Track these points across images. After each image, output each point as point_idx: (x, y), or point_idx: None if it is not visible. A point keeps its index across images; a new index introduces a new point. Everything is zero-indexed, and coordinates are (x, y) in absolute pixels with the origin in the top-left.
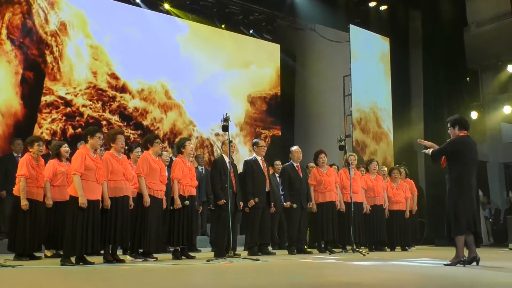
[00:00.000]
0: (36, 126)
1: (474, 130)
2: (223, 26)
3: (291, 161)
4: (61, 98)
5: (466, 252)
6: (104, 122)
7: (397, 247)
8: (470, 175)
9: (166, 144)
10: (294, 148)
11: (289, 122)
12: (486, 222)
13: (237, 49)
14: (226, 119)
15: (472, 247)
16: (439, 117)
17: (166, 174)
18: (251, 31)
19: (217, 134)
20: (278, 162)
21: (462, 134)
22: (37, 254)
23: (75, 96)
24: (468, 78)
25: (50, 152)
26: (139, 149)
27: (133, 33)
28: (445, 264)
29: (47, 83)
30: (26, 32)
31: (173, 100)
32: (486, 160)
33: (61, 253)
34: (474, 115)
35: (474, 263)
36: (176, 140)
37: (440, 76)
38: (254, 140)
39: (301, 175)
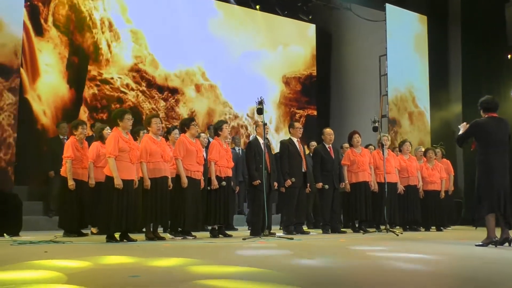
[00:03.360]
0: (82, 108)
1: None
2: (257, 7)
3: (323, 142)
4: (104, 82)
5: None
6: (145, 105)
7: (432, 227)
8: (496, 156)
9: (202, 124)
10: (326, 129)
11: (324, 102)
12: None
13: (272, 30)
14: (260, 102)
15: (503, 228)
16: (477, 96)
17: (204, 155)
18: (285, 13)
19: (251, 117)
20: (313, 143)
21: (487, 116)
22: (84, 231)
23: (117, 80)
24: (509, 56)
25: (94, 135)
26: (177, 131)
27: (170, 18)
28: (476, 245)
29: (91, 67)
30: (71, 19)
31: (209, 81)
32: None
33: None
34: None
35: (507, 243)
36: (214, 122)
37: (479, 54)
38: (290, 122)
39: (333, 156)
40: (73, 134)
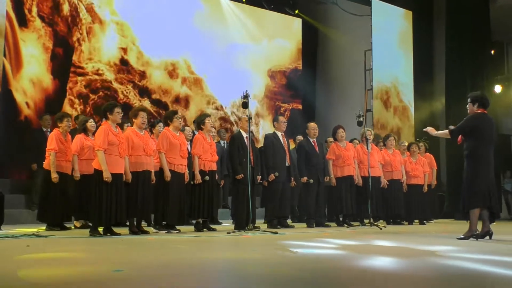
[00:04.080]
0: (66, 100)
1: (498, 103)
2: (243, 0)
3: (308, 136)
4: (88, 73)
5: (480, 227)
6: (129, 97)
7: (415, 221)
8: (486, 151)
9: (187, 118)
10: (311, 124)
11: (310, 96)
12: (508, 197)
13: (258, 24)
14: (246, 96)
15: (486, 222)
16: (461, 91)
17: (188, 148)
18: (271, 6)
19: (236, 109)
20: (300, 137)
21: (479, 111)
22: (67, 225)
23: (102, 71)
24: (493, 51)
25: (77, 127)
26: (161, 124)
27: (156, 10)
28: (458, 238)
29: (75, 59)
30: (55, 9)
31: (195, 74)
32: (510, 133)
33: (90, 224)
34: (498, 88)
35: (487, 237)
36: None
37: (463, 49)
38: (275, 116)
39: (318, 150)
40: (57, 127)
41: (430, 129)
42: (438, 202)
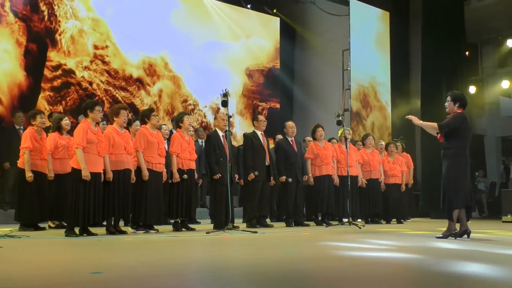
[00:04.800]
0: (40, 97)
1: (472, 104)
2: None
3: (286, 135)
4: (63, 70)
5: (457, 226)
6: (105, 95)
7: (392, 220)
8: (466, 151)
9: (164, 115)
10: (289, 123)
11: (288, 95)
12: (482, 195)
13: (236, 23)
14: (225, 95)
15: (464, 221)
16: (437, 91)
17: (165, 147)
18: (248, 6)
19: (214, 108)
20: (280, 136)
21: (460, 111)
22: (41, 225)
23: (77, 68)
24: (467, 52)
25: (51, 125)
26: (137, 122)
27: (133, 7)
28: (437, 237)
29: (50, 55)
30: (29, 4)
31: (173, 72)
32: (484, 134)
33: (65, 224)
34: (472, 89)
35: (465, 236)
36: (176, 114)
37: (439, 50)
38: (254, 115)
39: (296, 149)
40: (31, 124)
41: (414, 118)
42: (414, 201)
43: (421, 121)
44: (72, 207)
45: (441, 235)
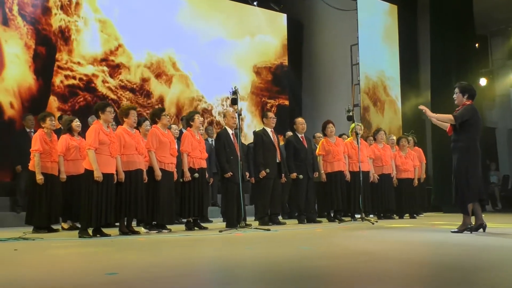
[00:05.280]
0: (50, 100)
1: (483, 96)
2: None
3: (296, 132)
4: (72, 72)
5: (472, 219)
6: (114, 95)
7: (405, 215)
8: (477, 143)
9: (173, 115)
10: (298, 119)
11: (296, 92)
12: (495, 188)
13: (243, 20)
14: (235, 92)
15: (479, 214)
16: (446, 84)
17: (176, 146)
18: (255, 3)
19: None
20: (289, 133)
21: (469, 103)
22: (54, 227)
23: (86, 70)
24: (477, 44)
25: (61, 127)
26: (147, 122)
27: (140, 7)
28: (452, 231)
29: (59, 57)
30: (37, 8)
31: (180, 71)
32: (495, 126)
33: (78, 225)
34: (483, 81)
35: (481, 229)
36: (185, 113)
37: (448, 42)
38: (264, 113)
39: (306, 146)
40: (41, 127)
41: (427, 110)
42: (426, 195)
43: (433, 114)
44: (85, 208)
45: (456, 230)
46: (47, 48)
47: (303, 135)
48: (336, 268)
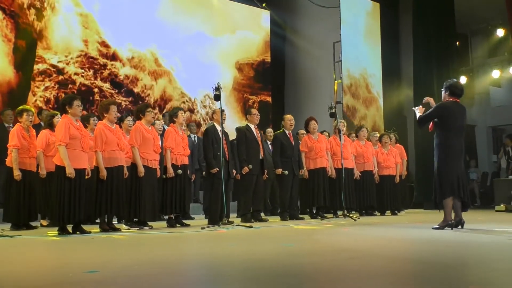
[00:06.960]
0: (30, 94)
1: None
2: None
3: (283, 128)
4: (53, 66)
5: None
6: (96, 90)
7: (387, 212)
8: (456, 141)
9: (157, 111)
10: (287, 115)
11: (279, 88)
12: (474, 185)
13: (226, 16)
14: (217, 88)
15: (458, 211)
16: (428, 82)
17: (160, 143)
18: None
19: (205, 102)
20: (270, 130)
21: (451, 100)
22: (33, 224)
23: (67, 64)
24: (457, 43)
25: (41, 122)
26: (130, 118)
27: (121, 1)
28: (433, 228)
29: (39, 51)
30: (17, 0)
31: (162, 67)
32: (475, 124)
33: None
34: (463, 79)
35: (459, 226)
36: (168, 109)
37: (429, 40)
38: (247, 109)
39: (293, 143)
40: (19, 122)
41: (431, 100)
42: (408, 192)
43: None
44: (57, 205)
45: (437, 226)
46: (27, 41)
47: (290, 131)
48: (320, 265)
